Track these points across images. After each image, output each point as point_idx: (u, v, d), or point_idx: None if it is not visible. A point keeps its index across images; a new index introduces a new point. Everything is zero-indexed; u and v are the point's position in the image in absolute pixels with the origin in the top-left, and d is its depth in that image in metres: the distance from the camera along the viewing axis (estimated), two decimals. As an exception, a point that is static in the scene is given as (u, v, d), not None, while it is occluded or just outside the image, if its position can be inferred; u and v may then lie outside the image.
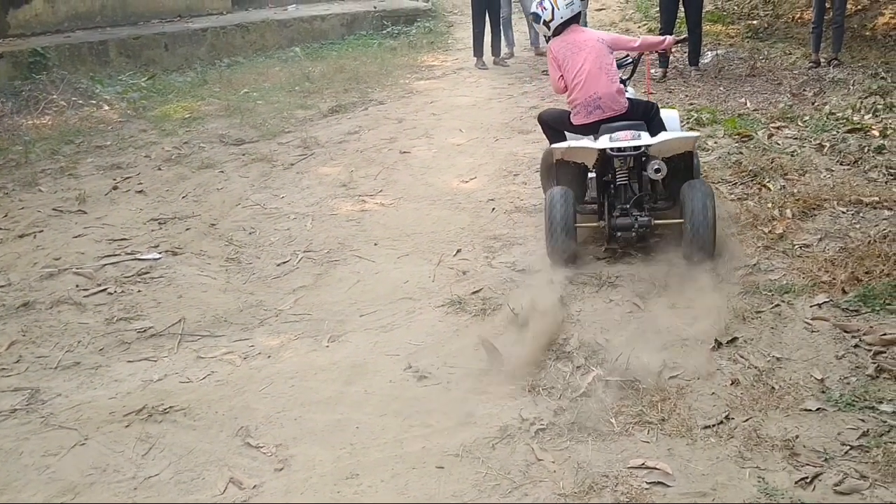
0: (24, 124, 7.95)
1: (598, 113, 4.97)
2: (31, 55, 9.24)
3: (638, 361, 3.72)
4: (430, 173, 6.47)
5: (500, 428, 3.34)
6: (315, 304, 4.55)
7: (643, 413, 3.39)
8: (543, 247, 4.94)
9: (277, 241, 5.33)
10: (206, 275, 4.89)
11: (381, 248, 5.21)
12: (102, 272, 4.93)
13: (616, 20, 12.10)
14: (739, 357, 3.76)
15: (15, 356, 4.09)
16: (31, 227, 5.66)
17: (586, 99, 4.99)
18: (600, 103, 4.96)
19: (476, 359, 3.87)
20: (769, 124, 6.96)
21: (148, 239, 5.39)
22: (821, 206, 5.20)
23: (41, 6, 10.16)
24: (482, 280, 4.68)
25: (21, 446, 3.38)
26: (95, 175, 6.63)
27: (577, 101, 5.04)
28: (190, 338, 4.20)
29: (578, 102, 5.03)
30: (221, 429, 3.42)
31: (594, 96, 4.96)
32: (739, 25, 10.97)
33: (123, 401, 3.64)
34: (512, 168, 6.44)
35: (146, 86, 9.28)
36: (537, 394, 3.57)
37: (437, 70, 10.08)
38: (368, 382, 3.74)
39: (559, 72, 5.12)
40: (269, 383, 3.74)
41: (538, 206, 5.65)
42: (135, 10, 10.82)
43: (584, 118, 5.02)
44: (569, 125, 5.12)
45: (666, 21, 8.87)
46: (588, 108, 5.00)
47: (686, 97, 8.13)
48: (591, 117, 4.99)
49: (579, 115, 5.05)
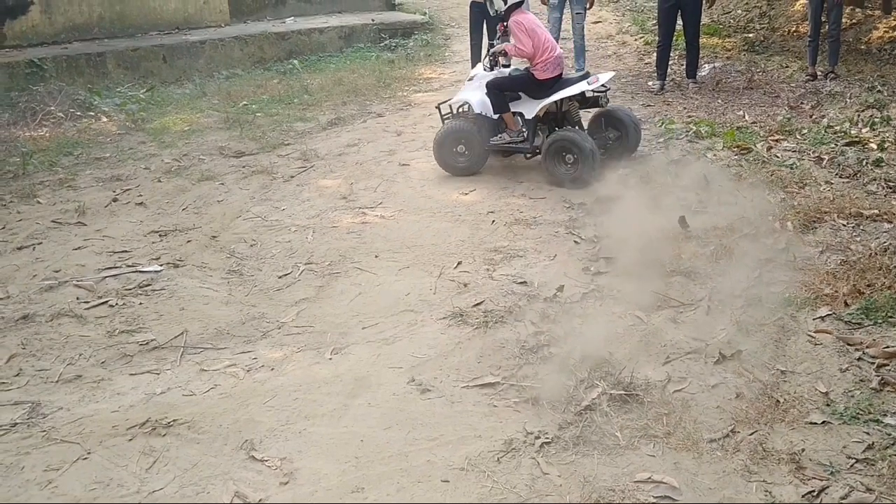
0: (22, 136, 7.94)
1: (559, 70, 6.40)
2: (27, 66, 9.24)
3: (642, 375, 3.72)
4: (429, 185, 6.47)
5: (505, 441, 3.34)
6: (317, 317, 4.54)
7: (648, 426, 3.38)
8: (545, 259, 4.97)
9: (279, 254, 5.32)
10: (207, 287, 4.87)
11: (381, 260, 5.21)
12: (103, 284, 4.91)
13: (612, 33, 12.17)
14: (744, 370, 3.76)
15: (15, 369, 4.06)
16: (30, 239, 5.64)
17: (554, 59, 6.32)
18: (559, 62, 6.40)
19: (478, 371, 3.86)
20: (768, 137, 7.00)
21: (149, 251, 5.37)
22: (821, 218, 5.22)
23: (38, 17, 10.16)
24: (483, 292, 4.68)
25: (22, 461, 3.35)
26: (95, 187, 6.61)
27: (548, 61, 6.29)
28: (192, 350, 4.18)
29: (549, 61, 6.29)
30: (226, 442, 3.40)
31: (558, 56, 6.38)
32: (736, 38, 11.05)
33: (126, 414, 3.62)
34: (511, 179, 6.45)
35: (145, 98, 9.28)
36: (541, 407, 3.56)
37: (434, 83, 10.11)
38: (372, 395, 3.73)
39: (531, 39, 6.25)
40: (273, 396, 3.73)
41: (538, 217, 5.68)
42: (133, 22, 10.83)
43: (551, 73, 6.34)
44: (531, 83, 6.39)
45: (664, 34, 8.92)
46: (554, 66, 6.33)
47: (684, 110, 8.16)
48: (555, 72, 6.36)
49: (547, 72, 6.32)
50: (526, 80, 6.42)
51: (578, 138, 6.18)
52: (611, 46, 11.54)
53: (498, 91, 6.42)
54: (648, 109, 8.27)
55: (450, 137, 6.51)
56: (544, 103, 6.32)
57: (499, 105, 6.42)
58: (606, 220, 5.50)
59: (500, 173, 6.60)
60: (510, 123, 6.48)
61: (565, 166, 6.22)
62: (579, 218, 5.63)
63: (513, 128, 6.49)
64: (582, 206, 5.84)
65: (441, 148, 6.54)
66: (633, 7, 13.60)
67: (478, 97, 6.55)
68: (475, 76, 6.65)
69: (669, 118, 7.81)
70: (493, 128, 6.54)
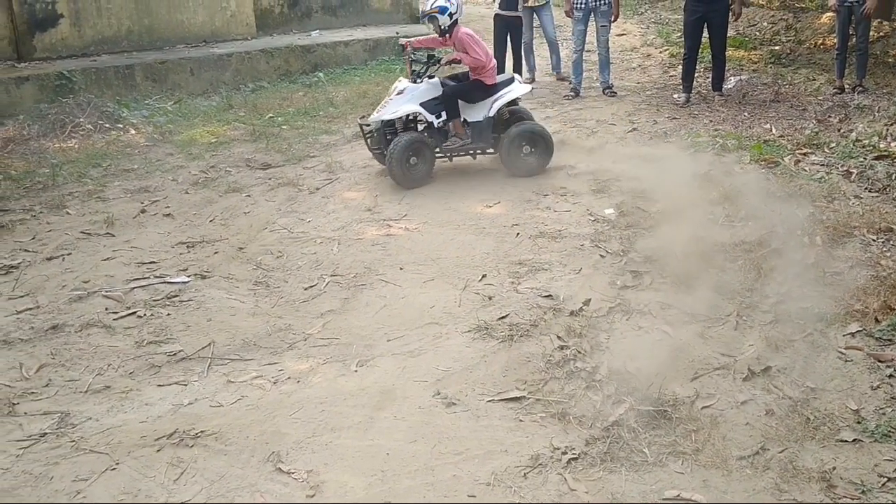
0: (51, 147, 8.03)
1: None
2: (57, 78, 9.35)
3: (669, 391, 3.69)
4: (453, 198, 6.48)
5: (532, 457, 3.32)
6: (343, 329, 4.55)
7: (676, 443, 3.36)
8: (571, 272, 4.96)
9: (304, 265, 5.34)
10: (234, 298, 4.91)
11: (406, 272, 5.21)
12: (131, 295, 4.95)
13: (637, 45, 12.14)
14: (773, 387, 3.73)
15: (45, 379, 4.10)
16: (60, 250, 5.70)
17: (495, 66, 6.90)
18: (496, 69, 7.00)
19: (504, 385, 3.85)
20: (795, 150, 6.95)
21: (176, 262, 5.42)
22: (851, 233, 5.18)
23: (67, 30, 10.30)
24: (508, 306, 4.67)
25: (51, 471, 3.38)
26: (123, 198, 6.68)
27: (493, 68, 6.84)
28: (220, 361, 4.20)
29: (493, 69, 6.83)
30: (252, 454, 3.42)
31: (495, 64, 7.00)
32: (762, 51, 10.98)
33: (154, 425, 3.64)
34: (535, 192, 6.44)
35: (172, 110, 9.37)
36: (568, 422, 3.55)
37: (459, 95, 10.11)
38: (398, 408, 3.73)
39: (481, 49, 6.68)
40: (299, 408, 3.74)
41: (563, 230, 5.66)
42: (161, 35, 10.95)
43: (494, 79, 6.86)
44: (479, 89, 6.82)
45: (690, 46, 8.89)
46: (494, 72, 6.88)
47: (710, 123, 8.13)
48: (497, 78, 6.89)
49: (491, 78, 6.83)
50: (476, 86, 6.83)
51: (540, 128, 6.93)
52: (635, 59, 11.52)
53: (455, 99, 6.75)
54: (674, 122, 8.24)
55: (404, 151, 6.57)
56: (499, 104, 6.83)
57: (454, 112, 6.78)
58: (632, 235, 5.48)
59: (523, 186, 6.59)
60: (459, 128, 6.84)
61: (523, 157, 6.80)
62: (605, 231, 5.61)
63: (461, 132, 6.85)
64: (607, 220, 5.82)
65: (399, 164, 6.55)
66: (657, 19, 13.58)
67: (419, 107, 6.70)
68: (404, 89, 6.71)
69: (695, 131, 7.78)
70: (439, 135, 6.82)
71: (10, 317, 4.74)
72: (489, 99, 6.84)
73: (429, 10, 6.73)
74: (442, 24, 6.74)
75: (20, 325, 4.64)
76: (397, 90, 6.74)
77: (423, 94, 6.72)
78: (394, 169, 6.56)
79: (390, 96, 6.74)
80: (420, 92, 6.70)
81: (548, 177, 6.77)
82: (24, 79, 9.23)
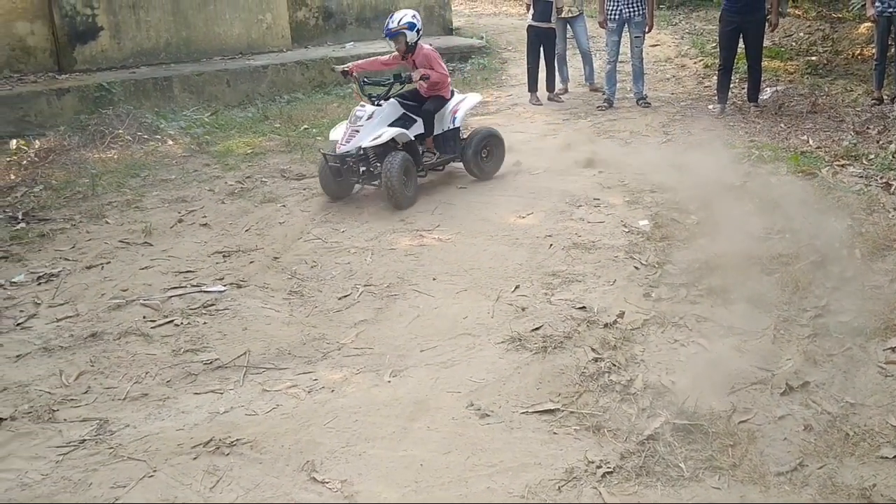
0: (91, 158, 8.18)
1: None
2: (97, 90, 9.53)
3: (706, 404, 3.66)
4: (486, 209, 6.48)
5: (566, 470, 3.31)
6: (376, 339, 4.56)
7: (713, 458, 3.32)
8: (605, 284, 4.94)
9: (338, 275, 5.38)
10: (269, 307, 4.95)
11: (439, 282, 5.22)
12: (169, 304, 5.02)
13: (671, 56, 12.08)
14: (811, 402, 3.68)
15: (84, 387, 4.16)
16: (99, 259, 5.79)
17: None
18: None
19: (538, 397, 3.84)
20: (833, 162, 6.87)
21: (213, 271, 5.48)
22: (890, 246, 5.10)
23: (107, 42, 10.50)
24: (542, 317, 4.66)
25: (90, 477, 3.43)
26: (161, 208, 6.78)
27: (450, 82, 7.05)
28: (255, 370, 4.24)
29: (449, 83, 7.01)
30: (287, 463, 3.44)
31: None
32: (798, 61, 10.86)
33: (191, 432, 3.68)
34: (569, 203, 6.43)
35: (209, 121, 9.49)
36: (602, 436, 3.53)
37: (491, 106, 10.15)
38: (431, 419, 3.73)
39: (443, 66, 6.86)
40: (334, 417, 3.76)
41: (597, 242, 5.64)
42: (198, 47, 11.12)
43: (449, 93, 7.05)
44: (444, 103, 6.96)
45: (725, 57, 8.82)
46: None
47: (746, 133, 8.06)
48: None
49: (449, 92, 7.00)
50: (439, 101, 6.94)
51: (495, 132, 7.29)
52: (669, 70, 11.45)
53: (434, 116, 6.85)
54: (709, 133, 8.17)
55: (401, 172, 6.40)
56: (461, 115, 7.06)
57: (431, 128, 6.86)
58: (668, 246, 5.44)
59: (556, 197, 6.57)
60: (430, 144, 6.94)
61: (484, 161, 7.10)
62: (639, 243, 5.57)
63: (432, 147, 6.96)
64: (641, 231, 5.79)
65: (400, 184, 6.40)
66: (692, 30, 13.49)
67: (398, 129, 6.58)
68: (372, 113, 6.50)
69: (731, 142, 7.71)
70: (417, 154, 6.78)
71: (50, 324, 4.83)
72: (449, 111, 7.00)
73: (396, 27, 6.63)
74: (410, 41, 6.69)
75: (60, 332, 4.73)
76: (365, 116, 6.50)
77: (389, 116, 6.62)
78: (396, 191, 6.36)
79: (356, 124, 6.51)
80: (386, 114, 6.59)
81: (581, 188, 6.75)
82: (64, 90, 9.43)
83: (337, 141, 6.55)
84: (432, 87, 6.87)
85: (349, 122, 6.58)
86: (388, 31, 6.68)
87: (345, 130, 6.55)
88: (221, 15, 11.21)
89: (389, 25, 6.67)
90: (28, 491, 3.36)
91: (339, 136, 6.58)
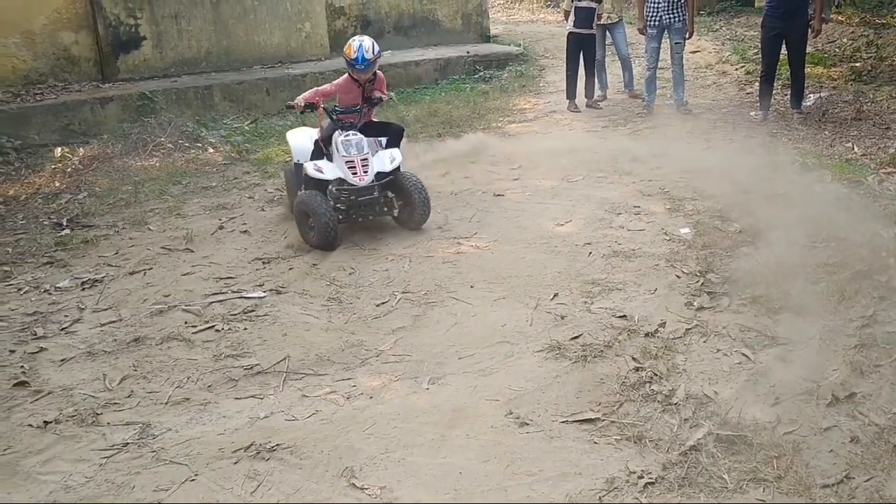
0: (134, 165, 8.31)
1: None
2: (139, 98, 9.70)
3: (749, 415, 3.59)
4: (524, 216, 6.46)
5: (607, 480, 3.27)
6: (414, 346, 4.56)
7: (757, 469, 3.26)
8: (646, 292, 4.89)
9: (376, 282, 5.39)
10: (308, 314, 4.97)
11: (477, 290, 5.21)
12: (210, 309, 5.07)
13: (712, 62, 11.95)
14: (858, 413, 3.59)
15: (127, 391, 4.21)
16: (141, 265, 5.87)
17: None
18: None
19: (577, 406, 3.80)
20: (879, 170, 6.73)
21: (253, 278, 5.53)
22: (940, 255, 4.97)
23: (150, 52, 10.68)
24: (581, 326, 4.62)
25: (133, 480, 3.46)
26: (202, 215, 6.86)
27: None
28: (294, 376, 4.26)
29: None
30: (327, 468, 3.44)
31: None
32: (842, 68, 10.69)
33: (232, 437, 3.71)
34: (608, 211, 6.38)
35: (249, 129, 9.60)
36: (644, 446, 3.48)
37: (529, 113, 10.13)
38: (470, 427, 3.71)
39: None
40: (372, 424, 3.76)
41: (637, 250, 5.58)
42: (238, 56, 11.26)
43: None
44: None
45: (768, 63, 8.72)
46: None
47: (789, 141, 7.94)
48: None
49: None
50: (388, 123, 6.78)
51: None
52: (710, 76, 11.34)
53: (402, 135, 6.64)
54: (751, 140, 8.07)
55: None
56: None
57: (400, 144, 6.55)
58: (710, 255, 5.37)
59: (596, 204, 6.53)
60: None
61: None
62: (681, 251, 5.51)
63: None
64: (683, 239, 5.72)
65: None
66: (732, 36, 13.34)
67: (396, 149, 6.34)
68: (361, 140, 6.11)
69: (774, 149, 7.59)
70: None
71: (94, 329, 4.91)
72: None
73: (373, 56, 6.18)
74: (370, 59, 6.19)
75: (104, 337, 4.80)
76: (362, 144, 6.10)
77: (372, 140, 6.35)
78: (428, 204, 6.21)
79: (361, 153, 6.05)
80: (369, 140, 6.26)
81: (621, 195, 6.69)
82: (108, 99, 9.61)
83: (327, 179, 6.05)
84: (371, 112, 6.57)
85: (344, 154, 6.04)
86: (368, 61, 6.17)
87: (346, 164, 6.01)
88: (261, 24, 11.35)
89: (366, 56, 6.14)
90: (72, 493, 3.40)
91: (337, 173, 6.05)
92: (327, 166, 6.12)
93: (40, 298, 5.39)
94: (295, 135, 6.84)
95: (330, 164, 6.13)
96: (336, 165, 6.11)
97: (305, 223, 5.99)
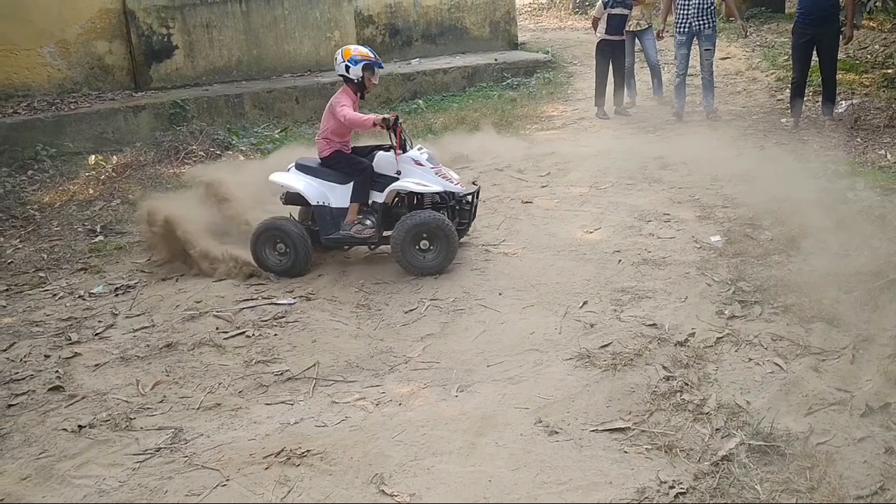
0: (166, 173, 8.42)
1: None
2: (171, 107, 9.84)
3: (782, 425, 3.56)
4: (553, 223, 6.44)
5: (638, 490, 3.25)
6: (442, 353, 4.57)
7: (790, 480, 3.23)
8: (676, 300, 4.86)
9: (405, 289, 5.41)
10: (338, 320, 5.00)
11: (505, 297, 5.20)
12: (241, 316, 5.12)
13: (742, 69, 11.85)
14: (892, 424, 3.55)
15: (159, 396, 4.27)
16: (173, 272, 5.94)
17: None
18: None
19: (607, 415, 3.79)
20: (914, 177, 6.63)
21: (283, 285, 5.57)
22: (977, 264, 4.89)
23: (182, 61, 10.83)
24: (611, 334, 4.60)
25: (165, 485, 3.51)
26: (233, 222, 6.91)
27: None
28: (324, 382, 4.29)
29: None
30: (357, 475, 3.46)
31: None
32: (874, 74, 10.54)
33: (262, 443, 3.74)
34: (638, 218, 6.34)
35: (279, 137, 9.68)
36: (675, 455, 3.46)
37: (557, 120, 10.11)
38: (499, 435, 3.71)
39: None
40: (402, 431, 3.77)
41: (667, 258, 5.55)
42: (268, 65, 11.37)
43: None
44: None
45: (799, 70, 8.63)
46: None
47: (821, 148, 7.84)
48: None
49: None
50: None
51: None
52: (740, 83, 11.24)
53: None
54: (782, 147, 7.99)
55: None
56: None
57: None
58: (741, 263, 5.32)
59: (625, 212, 6.49)
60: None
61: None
62: (711, 259, 5.46)
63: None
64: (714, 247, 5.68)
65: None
66: (763, 43, 13.21)
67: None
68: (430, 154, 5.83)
69: (805, 156, 7.51)
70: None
71: (127, 335, 4.98)
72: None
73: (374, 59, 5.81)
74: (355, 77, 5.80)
75: (137, 342, 4.86)
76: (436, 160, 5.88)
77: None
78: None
79: (436, 164, 5.80)
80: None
81: (651, 203, 6.65)
82: (141, 107, 9.75)
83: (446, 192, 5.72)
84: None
85: (432, 166, 5.71)
86: (380, 63, 5.87)
87: (428, 172, 5.66)
88: (291, 33, 11.45)
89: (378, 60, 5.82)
90: (106, 497, 3.45)
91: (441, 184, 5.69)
92: (430, 179, 5.67)
93: (75, 304, 5.48)
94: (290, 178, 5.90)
95: (429, 177, 5.67)
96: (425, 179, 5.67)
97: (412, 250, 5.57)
